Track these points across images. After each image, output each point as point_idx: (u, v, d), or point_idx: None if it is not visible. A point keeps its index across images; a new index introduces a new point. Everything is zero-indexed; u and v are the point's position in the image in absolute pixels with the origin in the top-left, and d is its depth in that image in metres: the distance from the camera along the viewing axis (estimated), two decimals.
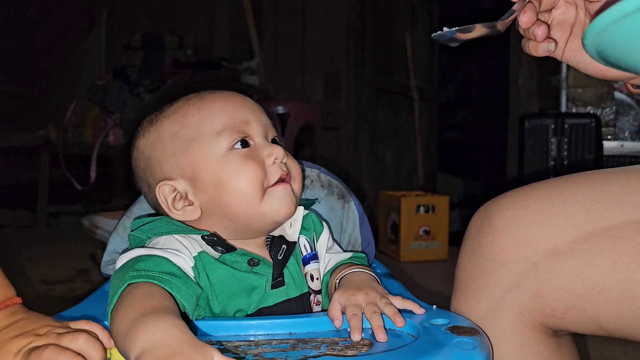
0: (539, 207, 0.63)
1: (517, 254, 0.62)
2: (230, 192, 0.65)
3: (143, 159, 0.70)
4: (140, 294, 0.54)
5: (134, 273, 0.57)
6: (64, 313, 0.64)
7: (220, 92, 0.71)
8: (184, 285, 0.58)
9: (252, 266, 0.66)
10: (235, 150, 0.66)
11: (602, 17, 0.44)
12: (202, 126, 0.67)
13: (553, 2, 0.62)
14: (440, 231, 2.55)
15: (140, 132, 0.71)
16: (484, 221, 0.66)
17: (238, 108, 0.69)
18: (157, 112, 0.71)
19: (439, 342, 0.53)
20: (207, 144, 0.66)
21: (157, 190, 0.67)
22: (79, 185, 2.92)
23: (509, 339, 0.62)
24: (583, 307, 0.59)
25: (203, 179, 0.66)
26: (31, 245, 2.64)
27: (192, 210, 0.67)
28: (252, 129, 0.68)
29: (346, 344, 0.56)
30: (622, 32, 0.45)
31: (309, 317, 0.62)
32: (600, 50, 0.49)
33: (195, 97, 0.70)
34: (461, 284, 0.67)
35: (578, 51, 0.61)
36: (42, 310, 0.59)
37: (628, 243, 0.58)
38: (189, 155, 0.66)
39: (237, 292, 0.64)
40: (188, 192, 0.67)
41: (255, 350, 0.54)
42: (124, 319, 0.51)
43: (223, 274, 0.64)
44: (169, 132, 0.68)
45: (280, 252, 0.68)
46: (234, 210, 0.65)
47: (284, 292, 0.67)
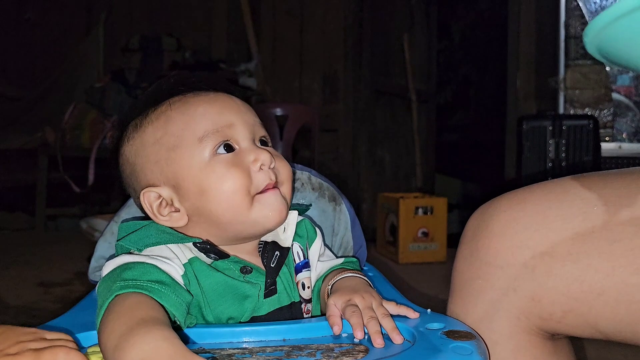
0: (536, 209, 0.62)
1: (514, 257, 0.62)
2: (215, 200, 0.63)
3: (128, 165, 0.69)
4: (128, 305, 0.52)
5: (121, 283, 0.55)
6: (59, 318, 0.63)
7: (205, 93, 0.68)
8: (173, 293, 0.56)
9: (245, 274, 0.64)
10: (218, 156, 0.64)
11: (602, 15, 0.44)
12: (184, 132, 0.65)
13: None
14: (439, 233, 2.55)
15: (125, 138, 0.69)
16: (480, 224, 0.66)
17: (221, 110, 0.66)
18: (141, 117, 0.69)
19: (436, 347, 0.53)
20: (190, 150, 0.64)
21: (142, 196, 0.66)
22: (77, 188, 2.92)
23: (505, 342, 0.62)
24: (580, 311, 0.59)
25: (187, 186, 0.64)
26: (29, 248, 2.64)
27: (179, 217, 0.66)
28: (237, 132, 0.66)
29: (342, 350, 0.55)
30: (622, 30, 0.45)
31: (303, 323, 0.61)
32: (601, 48, 0.49)
33: (178, 101, 0.68)
34: (458, 287, 0.67)
35: None
36: (40, 313, 0.58)
37: (625, 246, 0.57)
38: (172, 163, 0.65)
39: (229, 300, 0.63)
40: (173, 199, 0.66)
41: (249, 358, 0.54)
42: (111, 333, 0.49)
43: (215, 281, 0.63)
44: (151, 139, 0.66)
45: (273, 259, 0.66)
46: (221, 218, 0.64)
47: (276, 301, 0.65)
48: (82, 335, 0.58)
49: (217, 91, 0.70)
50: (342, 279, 0.67)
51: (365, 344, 0.57)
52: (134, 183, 0.69)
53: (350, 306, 0.60)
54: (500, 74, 2.82)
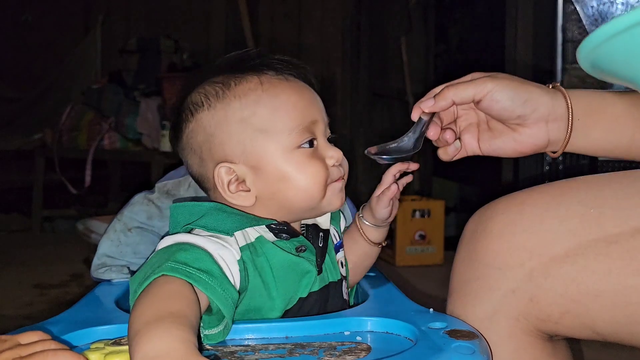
0: (534, 212, 0.63)
1: (512, 259, 0.62)
2: (294, 188, 0.66)
3: (204, 134, 0.68)
4: (166, 292, 0.53)
5: (172, 264, 0.55)
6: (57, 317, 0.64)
7: (292, 81, 0.70)
8: (220, 287, 0.56)
9: (300, 252, 0.66)
10: (302, 149, 0.67)
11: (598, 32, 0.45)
12: (274, 119, 0.66)
13: (452, 115, 0.72)
14: (436, 236, 2.55)
15: (205, 103, 0.68)
16: (478, 226, 0.66)
17: (309, 106, 0.69)
18: (223, 85, 0.68)
19: (438, 346, 0.53)
20: (278, 138, 0.66)
21: (216, 170, 0.66)
22: (73, 189, 2.91)
23: (504, 343, 0.63)
24: (578, 312, 0.60)
25: (268, 171, 0.66)
26: (25, 250, 2.63)
27: (247, 197, 0.67)
28: (318, 128, 0.69)
29: (344, 348, 0.56)
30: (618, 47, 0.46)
31: (306, 320, 0.62)
32: (596, 63, 0.50)
33: (268, 83, 0.68)
34: (456, 288, 0.67)
35: (489, 141, 0.70)
36: (36, 315, 0.58)
37: (623, 248, 0.58)
38: (257, 146, 0.66)
39: (293, 276, 0.65)
40: (247, 179, 0.67)
41: (252, 356, 0.54)
42: (140, 316, 0.50)
43: (282, 257, 0.65)
44: (238, 116, 0.66)
45: (320, 239, 0.70)
46: (295, 204, 0.67)
47: (322, 279, 0.68)
48: (83, 331, 0.59)
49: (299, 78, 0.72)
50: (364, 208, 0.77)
51: (367, 343, 0.58)
52: (205, 153, 0.68)
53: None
54: None
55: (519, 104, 0.65)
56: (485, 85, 0.66)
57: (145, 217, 0.82)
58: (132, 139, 2.83)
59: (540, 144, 0.67)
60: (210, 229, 0.63)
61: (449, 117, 0.72)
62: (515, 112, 0.66)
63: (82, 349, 0.56)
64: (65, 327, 0.59)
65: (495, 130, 0.69)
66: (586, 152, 0.69)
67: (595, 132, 0.67)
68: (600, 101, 0.67)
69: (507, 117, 0.67)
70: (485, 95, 0.66)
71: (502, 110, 0.66)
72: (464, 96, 0.67)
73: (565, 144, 0.67)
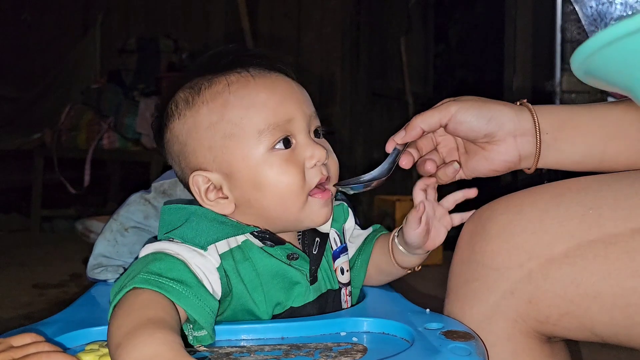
0: (533, 213, 0.63)
1: (511, 260, 0.62)
2: (269, 195, 0.63)
3: (177, 144, 0.66)
4: (140, 302, 0.52)
5: (144, 275, 0.55)
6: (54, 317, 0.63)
7: (263, 76, 0.66)
8: (195, 296, 0.55)
9: (291, 260, 0.64)
10: (276, 152, 0.63)
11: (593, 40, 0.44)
12: (242, 121, 0.63)
13: (432, 144, 0.74)
14: None
15: (175, 112, 0.66)
16: (477, 227, 0.66)
17: (283, 102, 0.64)
18: (193, 92, 0.66)
19: (434, 348, 0.53)
20: (247, 142, 0.63)
21: (191, 179, 0.65)
22: (72, 189, 2.91)
23: (502, 345, 0.62)
24: (577, 314, 0.59)
25: (240, 178, 0.63)
26: (24, 249, 2.62)
27: (227, 204, 0.64)
28: (295, 125, 0.64)
29: (340, 349, 0.56)
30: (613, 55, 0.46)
31: (301, 320, 0.61)
32: (590, 71, 0.50)
33: (236, 83, 0.64)
34: (454, 289, 0.67)
35: (466, 163, 0.72)
36: (35, 315, 0.58)
37: (621, 249, 0.58)
38: (227, 152, 0.63)
39: (279, 283, 0.63)
40: (223, 186, 0.64)
41: (247, 357, 0.54)
42: (118, 329, 0.49)
43: (269, 263, 0.63)
44: (206, 122, 0.64)
45: (315, 246, 0.67)
46: (272, 212, 0.64)
47: (318, 289, 0.66)
48: (78, 332, 0.58)
49: (275, 71, 0.67)
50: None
51: (363, 344, 0.58)
52: (182, 162, 0.67)
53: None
54: (496, 77, 2.83)
55: (484, 123, 0.67)
56: (449, 109, 0.67)
57: (141, 216, 0.82)
58: (131, 139, 2.83)
59: (512, 159, 0.68)
60: (187, 241, 0.61)
61: (429, 145, 0.74)
62: (481, 130, 0.67)
63: (77, 350, 0.56)
64: (60, 328, 0.59)
65: (470, 152, 0.71)
66: (560, 166, 0.69)
67: (567, 145, 0.68)
68: (568, 115, 0.68)
69: (474, 136, 0.68)
70: (450, 119, 0.67)
71: (469, 131, 0.68)
72: (430, 122, 0.68)
73: (537, 158, 0.68)
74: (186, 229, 0.61)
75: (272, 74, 0.67)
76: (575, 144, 0.67)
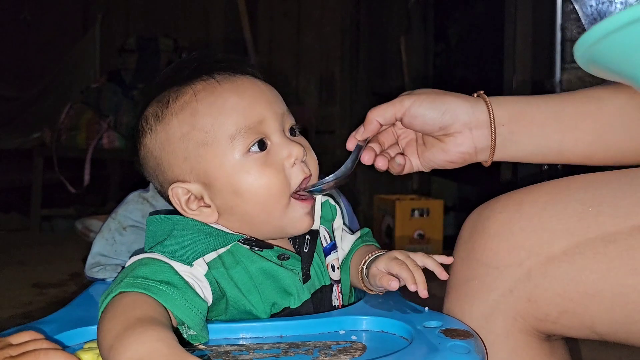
0: (532, 211, 0.63)
1: (510, 258, 0.62)
2: (250, 201, 0.62)
3: (152, 159, 0.66)
4: (127, 304, 0.51)
5: (129, 280, 0.54)
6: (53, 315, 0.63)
7: (229, 79, 0.65)
8: (182, 297, 0.54)
9: (283, 260, 0.64)
10: (251, 155, 0.62)
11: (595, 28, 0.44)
12: (213, 128, 0.62)
13: (393, 137, 0.74)
14: (435, 235, 2.55)
15: (146, 128, 0.65)
16: (476, 225, 0.66)
17: (252, 104, 0.63)
18: (162, 105, 0.65)
19: (433, 345, 0.53)
20: (221, 149, 0.61)
21: (170, 192, 0.64)
22: (72, 189, 2.90)
23: (502, 343, 0.62)
24: (576, 312, 0.59)
25: (219, 186, 0.62)
26: (24, 249, 2.62)
27: (210, 213, 0.63)
28: (268, 126, 0.63)
29: (339, 347, 0.56)
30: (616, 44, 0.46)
31: (300, 319, 0.61)
32: (594, 60, 0.50)
33: (203, 91, 0.63)
34: (454, 287, 0.67)
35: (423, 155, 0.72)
36: (35, 314, 0.58)
37: (621, 247, 0.57)
38: (202, 161, 0.62)
39: (271, 285, 0.62)
40: (204, 196, 0.63)
41: (246, 355, 0.54)
42: (108, 332, 0.48)
43: (261, 265, 0.62)
44: (178, 134, 0.63)
45: (305, 244, 0.66)
46: (256, 218, 0.63)
47: (312, 286, 0.66)
48: (76, 331, 0.58)
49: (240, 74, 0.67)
50: (374, 258, 0.68)
51: (362, 342, 0.57)
52: (159, 176, 0.66)
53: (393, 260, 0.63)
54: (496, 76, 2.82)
55: (438, 116, 0.67)
56: (403, 104, 0.68)
57: (140, 215, 0.81)
58: None
59: (468, 151, 0.69)
60: (172, 256, 0.59)
61: (390, 139, 0.74)
62: (435, 124, 0.67)
63: (75, 348, 0.55)
64: (59, 326, 0.59)
65: (427, 144, 0.71)
66: (519, 158, 0.69)
67: (523, 138, 0.68)
68: (524, 107, 0.68)
69: (429, 129, 0.68)
70: (405, 113, 0.68)
71: (424, 124, 0.68)
72: (386, 117, 0.69)
73: (492, 150, 0.68)
74: (171, 244, 0.60)
75: (238, 78, 0.66)
76: (532, 136, 0.67)
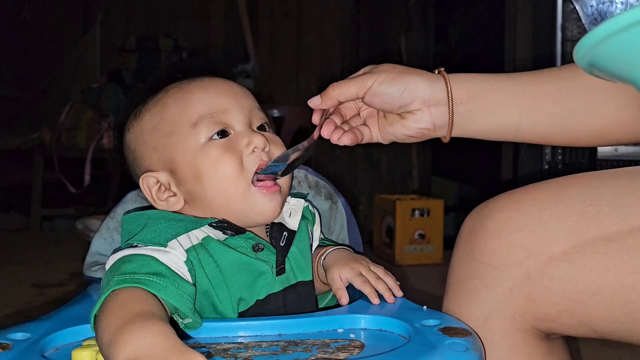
0: (532, 210, 0.63)
1: (510, 257, 0.62)
2: (208, 185, 0.64)
3: (130, 153, 0.71)
4: (123, 300, 0.52)
5: (119, 277, 0.55)
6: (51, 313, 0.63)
7: (201, 79, 0.69)
8: (173, 285, 0.56)
9: (257, 251, 0.65)
10: (213, 141, 0.65)
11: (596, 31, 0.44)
12: (179, 118, 0.66)
13: (355, 109, 0.75)
14: (435, 235, 2.55)
15: (127, 126, 0.71)
16: (476, 224, 0.66)
17: (217, 96, 0.67)
18: (141, 105, 0.71)
19: (431, 343, 0.53)
20: (184, 136, 0.65)
21: (141, 181, 0.67)
22: (72, 188, 2.91)
23: (501, 342, 0.62)
24: (576, 311, 0.59)
25: (182, 172, 0.65)
26: (24, 249, 2.63)
27: (176, 201, 0.66)
28: (232, 116, 0.66)
29: (337, 345, 0.56)
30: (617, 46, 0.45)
31: (299, 317, 0.61)
32: (594, 63, 0.50)
33: (174, 88, 0.69)
34: (453, 287, 0.67)
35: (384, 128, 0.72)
36: (35, 314, 0.58)
37: (621, 246, 0.57)
38: (169, 148, 0.66)
39: (244, 276, 0.63)
40: (171, 184, 0.67)
41: (245, 353, 0.54)
42: (106, 329, 0.49)
43: (231, 257, 0.63)
44: (149, 126, 0.68)
45: (282, 239, 0.67)
46: (215, 202, 0.65)
47: (285, 280, 0.66)
48: (75, 329, 0.58)
49: (215, 76, 0.71)
50: (331, 252, 0.70)
51: (360, 340, 0.57)
52: (136, 169, 0.70)
53: (358, 276, 0.64)
54: None
55: (397, 95, 0.68)
56: (365, 83, 0.69)
57: None
58: None
59: (427, 127, 0.70)
60: (147, 243, 0.61)
61: (352, 110, 0.75)
62: (395, 103, 0.69)
63: (75, 345, 0.55)
64: (57, 324, 0.59)
65: (388, 117, 0.72)
66: (477, 136, 0.71)
67: (482, 116, 0.69)
68: (484, 86, 0.69)
69: (389, 108, 0.70)
70: (366, 92, 0.69)
71: (384, 104, 0.69)
72: (347, 95, 0.70)
73: (450, 128, 0.69)
74: (145, 233, 0.62)
75: (210, 78, 0.70)
76: (490, 115, 0.69)
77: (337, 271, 0.66)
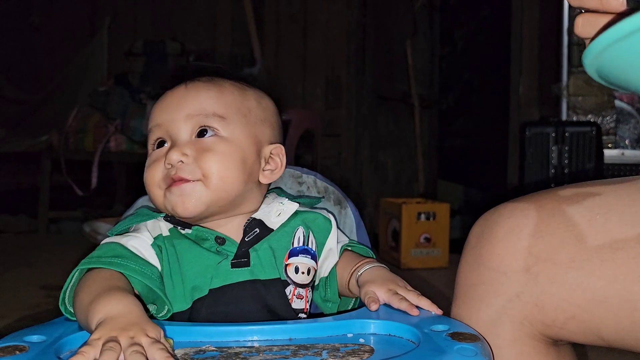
0: (540, 216, 0.63)
1: (518, 263, 0.62)
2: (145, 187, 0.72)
3: None
4: (96, 277, 0.61)
5: (86, 260, 0.64)
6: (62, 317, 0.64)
7: (174, 88, 0.74)
8: (133, 262, 0.64)
9: (220, 244, 0.69)
10: (153, 151, 0.72)
11: (601, 37, 0.44)
12: (147, 126, 0.75)
13: None
14: (441, 238, 2.55)
15: None
16: (484, 230, 0.66)
17: (166, 107, 0.72)
18: None
19: (440, 348, 0.53)
20: (149, 144, 0.74)
21: None
22: (80, 191, 2.92)
23: (508, 347, 0.62)
24: (583, 318, 0.59)
25: None
26: (31, 251, 2.64)
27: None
28: (175, 127, 0.71)
29: (347, 350, 0.56)
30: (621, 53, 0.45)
31: (309, 322, 0.62)
32: (600, 70, 0.50)
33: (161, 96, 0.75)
34: (461, 292, 0.67)
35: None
36: (42, 316, 0.59)
37: (628, 254, 0.58)
38: None
39: (197, 266, 0.68)
40: None
41: (256, 357, 0.54)
42: (87, 294, 0.57)
43: (190, 247, 0.68)
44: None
45: (251, 234, 0.70)
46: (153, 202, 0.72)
47: (249, 273, 0.68)
48: (83, 333, 0.59)
49: (187, 82, 0.75)
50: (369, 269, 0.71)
51: (370, 345, 0.58)
52: None
53: (395, 295, 0.66)
54: (502, 80, 2.82)
55: None
56: None
57: None
58: (138, 141, 2.84)
59: None
60: (113, 232, 0.71)
61: None
62: None
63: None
64: (72, 327, 0.60)
65: None
66: None
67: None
68: None
69: None
70: None
71: None
72: None
73: None
74: (120, 225, 0.72)
75: (179, 86, 0.74)
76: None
77: (374, 288, 0.67)
